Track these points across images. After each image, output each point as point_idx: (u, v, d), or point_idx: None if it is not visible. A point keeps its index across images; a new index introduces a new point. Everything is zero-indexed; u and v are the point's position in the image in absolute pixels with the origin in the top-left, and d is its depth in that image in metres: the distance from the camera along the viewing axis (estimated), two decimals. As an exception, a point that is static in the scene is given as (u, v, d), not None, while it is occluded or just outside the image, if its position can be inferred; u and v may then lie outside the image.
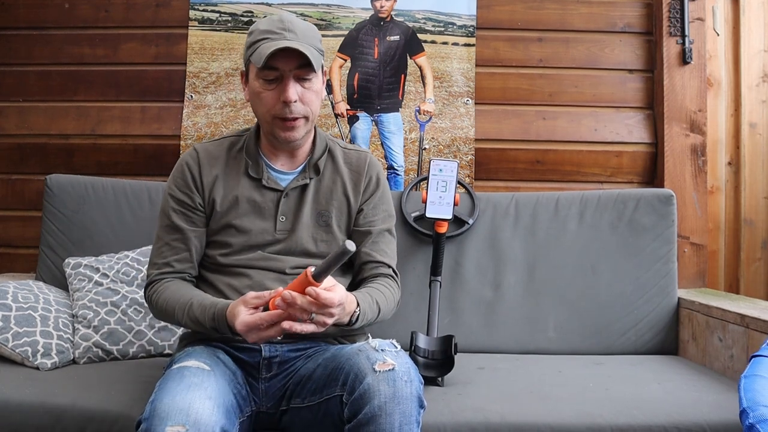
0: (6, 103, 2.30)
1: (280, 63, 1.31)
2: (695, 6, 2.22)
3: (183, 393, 1.08)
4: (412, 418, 1.11)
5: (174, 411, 1.04)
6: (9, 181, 2.30)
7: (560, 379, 1.59)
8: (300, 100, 1.33)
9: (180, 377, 1.13)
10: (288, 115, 1.33)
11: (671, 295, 1.92)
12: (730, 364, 1.65)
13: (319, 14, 2.30)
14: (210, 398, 1.09)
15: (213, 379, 1.16)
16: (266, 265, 1.38)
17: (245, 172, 1.42)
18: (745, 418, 1.07)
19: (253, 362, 1.31)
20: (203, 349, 1.29)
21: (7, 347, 1.59)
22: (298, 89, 1.33)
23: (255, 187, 1.41)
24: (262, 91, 1.34)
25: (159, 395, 1.09)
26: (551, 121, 2.28)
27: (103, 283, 1.79)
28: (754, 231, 2.39)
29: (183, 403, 1.06)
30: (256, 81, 1.35)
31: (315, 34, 1.38)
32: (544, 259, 1.95)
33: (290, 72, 1.32)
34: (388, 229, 1.49)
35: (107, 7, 2.31)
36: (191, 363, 1.19)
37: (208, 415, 1.06)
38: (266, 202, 1.40)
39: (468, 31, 2.30)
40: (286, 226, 1.40)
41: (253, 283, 1.35)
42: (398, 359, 1.15)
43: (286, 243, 1.39)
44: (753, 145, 2.39)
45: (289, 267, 1.38)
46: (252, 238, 1.39)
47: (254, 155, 1.43)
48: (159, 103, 2.29)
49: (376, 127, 2.26)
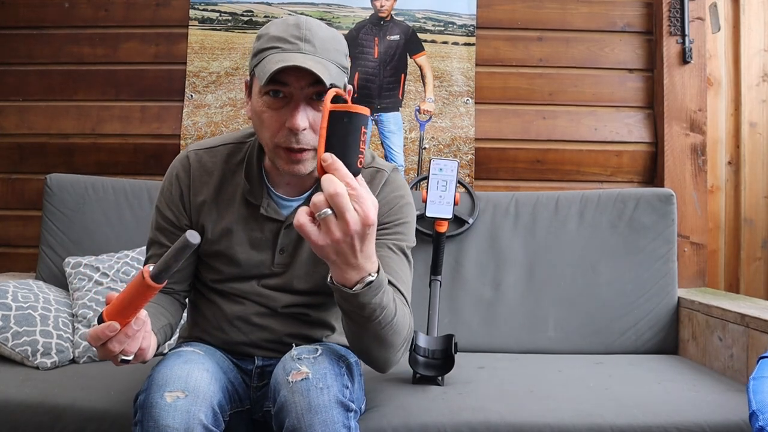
0: (6, 102, 2.31)
1: (290, 79, 1.07)
2: (695, 6, 2.22)
3: (181, 365, 1.07)
4: (337, 425, 1.00)
5: (173, 378, 1.03)
6: (9, 180, 2.30)
7: (560, 379, 1.59)
8: (311, 128, 1.10)
9: (176, 356, 1.12)
10: (294, 145, 1.10)
11: (671, 294, 1.92)
12: (730, 363, 1.65)
13: (319, 14, 2.30)
14: (207, 371, 1.08)
15: (208, 360, 1.14)
16: (258, 300, 1.25)
17: (242, 197, 1.23)
18: (755, 420, 1.05)
19: (246, 369, 1.28)
20: (200, 345, 1.27)
21: (6, 347, 1.59)
22: (309, 114, 1.09)
23: (251, 215, 1.23)
24: (265, 111, 1.11)
25: (156, 368, 1.08)
26: (551, 121, 2.28)
27: (103, 282, 1.79)
28: (754, 230, 2.39)
29: (181, 372, 1.04)
30: (259, 98, 1.11)
31: (338, 47, 1.13)
32: (544, 259, 1.95)
33: (301, 91, 1.08)
34: (402, 249, 1.20)
35: (107, 7, 2.31)
36: (186, 348, 1.18)
37: (206, 384, 1.05)
38: (264, 233, 1.23)
39: (468, 30, 2.30)
40: (285, 260, 1.24)
41: (243, 313, 1.25)
42: (314, 366, 1.04)
43: (283, 278, 1.24)
44: (753, 144, 2.39)
45: (281, 306, 1.24)
46: (245, 270, 1.24)
47: (255, 176, 1.23)
48: (159, 103, 2.29)
49: (376, 126, 2.26)
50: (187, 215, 1.26)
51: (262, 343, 1.27)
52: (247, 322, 1.26)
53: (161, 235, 1.27)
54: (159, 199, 1.28)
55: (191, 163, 1.26)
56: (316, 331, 1.29)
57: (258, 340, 1.26)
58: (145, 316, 0.96)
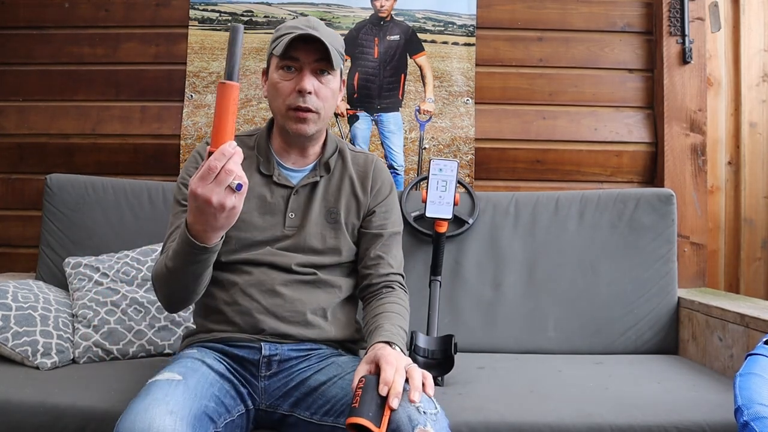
0: (6, 102, 2.31)
1: (301, 54, 1.33)
2: (695, 6, 2.22)
3: (143, 412, 1.06)
4: None
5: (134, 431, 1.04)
6: (9, 180, 2.30)
7: (560, 379, 1.59)
8: (315, 94, 1.34)
9: (146, 394, 1.12)
10: (301, 104, 1.33)
11: (671, 294, 1.92)
12: (730, 363, 1.65)
13: (319, 14, 2.30)
14: (171, 413, 1.08)
15: (180, 390, 1.14)
16: (272, 260, 1.36)
17: (257, 169, 1.42)
18: (739, 415, 1.07)
19: (252, 360, 1.31)
20: (190, 354, 1.29)
21: (7, 347, 1.59)
22: (315, 83, 1.34)
23: (265, 183, 1.41)
24: (279, 81, 1.35)
25: (123, 415, 1.09)
26: (551, 121, 2.28)
27: (103, 282, 1.79)
28: (754, 230, 2.39)
29: (143, 424, 1.04)
30: (275, 73, 1.36)
31: (338, 39, 1.40)
32: (544, 259, 1.95)
33: (309, 65, 1.34)
34: (399, 233, 1.48)
35: (107, 7, 2.31)
36: (164, 376, 1.19)
37: (170, 430, 1.05)
38: (276, 198, 1.40)
39: (468, 30, 2.30)
40: (295, 222, 1.40)
41: (257, 281, 1.35)
42: (437, 424, 1.08)
43: (294, 239, 1.38)
44: (753, 144, 2.39)
45: (295, 263, 1.36)
46: (260, 233, 1.38)
47: (265, 152, 1.43)
48: (159, 103, 2.29)
49: (376, 126, 2.26)
50: None
51: (275, 309, 1.33)
52: (260, 288, 1.34)
53: (182, 210, 1.34)
54: (182, 176, 1.40)
55: (209, 145, 1.37)
56: (326, 293, 1.38)
57: (271, 306, 1.33)
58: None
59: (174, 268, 1.20)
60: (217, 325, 1.35)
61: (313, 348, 1.35)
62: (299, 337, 1.33)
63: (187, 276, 1.21)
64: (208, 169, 1.03)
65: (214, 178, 1.03)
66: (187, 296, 1.27)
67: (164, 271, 1.23)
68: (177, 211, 1.38)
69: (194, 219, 1.10)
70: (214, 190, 1.04)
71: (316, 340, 1.35)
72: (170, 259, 1.20)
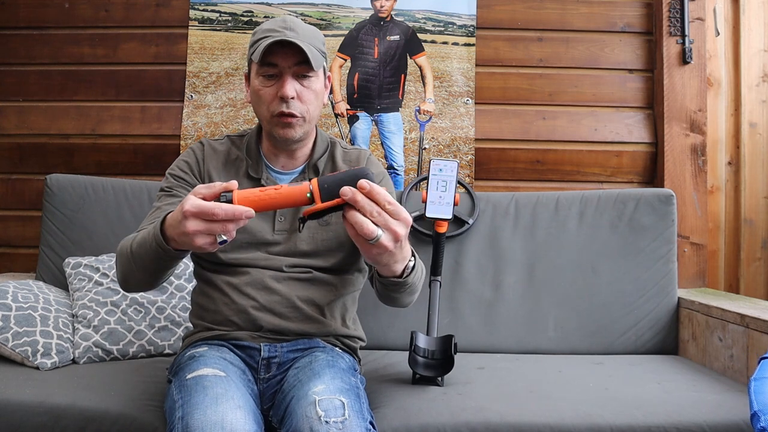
0: (6, 103, 2.31)
1: (279, 59, 1.31)
2: (695, 6, 2.23)
3: (213, 406, 1.05)
4: None
5: (208, 426, 1.02)
6: (9, 180, 2.30)
7: (560, 379, 1.59)
8: (298, 98, 1.33)
9: (202, 388, 1.11)
10: (285, 110, 1.32)
11: (671, 294, 1.92)
12: (730, 363, 1.65)
13: (319, 14, 2.30)
14: (240, 407, 1.07)
15: (234, 386, 1.14)
16: (265, 263, 1.36)
17: (245, 172, 1.42)
18: (756, 421, 1.05)
19: (252, 363, 1.31)
20: (209, 352, 1.28)
21: (7, 347, 1.59)
22: (296, 86, 1.33)
23: (253, 187, 1.39)
24: (261, 88, 1.34)
25: (188, 410, 1.06)
26: (551, 121, 2.28)
27: (103, 282, 1.79)
28: (754, 231, 2.39)
29: (216, 417, 1.03)
30: (256, 79, 1.35)
31: (317, 36, 1.38)
32: (544, 259, 1.95)
33: (289, 69, 1.32)
34: None
35: (107, 7, 2.31)
36: (206, 371, 1.17)
37: (242, 425, 1.04)
38: None
39: (468, 30, 2.30)
40: (284, 226, 1.38)
41: (252, 279, 1.35)
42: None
43: (284, 244, 1.38)
44: (753, 144, 2.39)
45: (286, 265, 1.36)
46: (249, 237, 1.37)
47: (254, 155, 1.43)
48: (159, 103, 2.29)
49: (376, 126, 2.26)
50: (200, 181, 1.41)
51: (273, 306, 1.34)
52: (256, 287, 1.34)
53: (167, 194, 1.38)
54: (171, 168, 1.43)
55: (204, 146, 1.47)
56: (322, 290, 1.39)
57: (268, 303, 1.34)
58: None
59: (137, 253, 1.19)
60: (217, 324, 1.35)
61: (312, 345, 1.35)
62: (297, 332, 1.33)
63: (145, 265, 1.18)
64: (213, 212, 0.97)
65: (209, 222, 0.99)
66: (139, 284, 1.26)
67: (128, 252, 1.22)
68: (160, 196, 1.39)
69: (171, 221, 1.07)
70: (199, 227, 0.99)
71: (315, 335, 1.35)
72: (137, 244, 1.19)
